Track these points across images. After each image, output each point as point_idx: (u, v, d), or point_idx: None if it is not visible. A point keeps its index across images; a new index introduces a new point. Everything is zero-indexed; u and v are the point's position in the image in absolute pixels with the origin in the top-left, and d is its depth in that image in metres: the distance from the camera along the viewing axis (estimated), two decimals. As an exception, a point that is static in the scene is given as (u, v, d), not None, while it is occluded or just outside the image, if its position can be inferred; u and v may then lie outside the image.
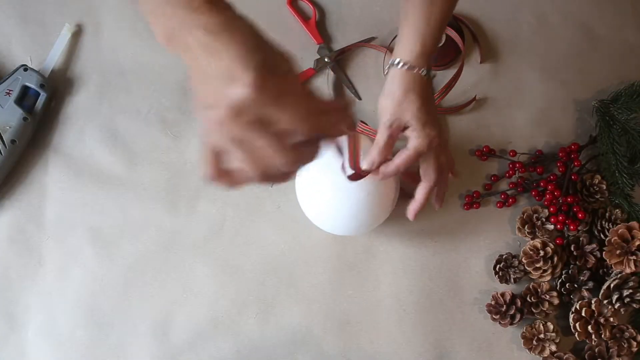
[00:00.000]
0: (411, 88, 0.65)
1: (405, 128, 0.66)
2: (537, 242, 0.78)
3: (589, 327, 0.75)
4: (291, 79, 0.43)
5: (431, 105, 0.66)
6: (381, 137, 0.66)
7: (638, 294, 0.75)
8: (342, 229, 0.75)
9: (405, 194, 0.74)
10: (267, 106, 0.41)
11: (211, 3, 0.42)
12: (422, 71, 0.65)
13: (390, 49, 0.87)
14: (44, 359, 0.78)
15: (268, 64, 0.41)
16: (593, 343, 0.75)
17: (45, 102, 0.84)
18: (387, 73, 0.67)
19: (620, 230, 0.76)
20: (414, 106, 0.64)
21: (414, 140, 0.65)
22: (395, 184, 0.74)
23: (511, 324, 0.76)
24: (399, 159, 0.66)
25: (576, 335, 0.75)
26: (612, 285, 0.76)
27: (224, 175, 0.45)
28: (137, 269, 0.81)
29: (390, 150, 0.66)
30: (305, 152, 0.45)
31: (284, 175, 0.46)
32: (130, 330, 0.79)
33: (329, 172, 0.70)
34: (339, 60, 0.88)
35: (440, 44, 0.85)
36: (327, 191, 0.71)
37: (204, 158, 0.45)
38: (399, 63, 0.65)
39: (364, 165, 0.66)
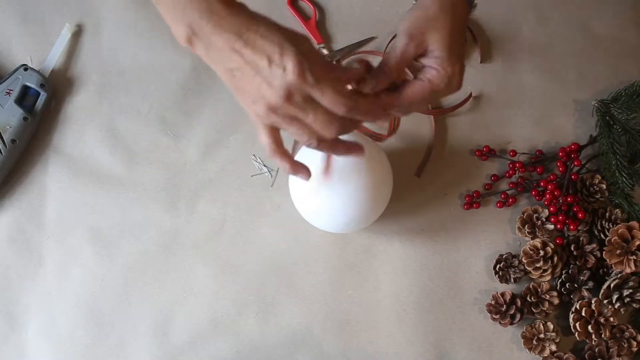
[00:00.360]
0: (448, 6, 0.54)
1: (422, 55, 0.55)
2: (537, 242, 0.78)
3: (589, 327, 0.75)
4: (322, 61, 0.48)
5: (462, 37, 0.56)
6: (393, 53, 0.54)
7: (638, 294, 0.75)
8: (335, 226, 0.75)
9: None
10: (310, 87, 0.47)
11: (232, 5, 0.48)
12: None
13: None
14: (44, 359, 0.78)
15: (303, 51, 0.47)
16: (593, 343, 0.75)
17: (45, 102, 0.84)
18: None
19: (620, 230, 0.76)
20: (445, 28, 0.53)
21: (433, 70, 0.54)
22: (388, 179, 0.74)
23: (511, 323, 0.76)
24: (411, 91, 0.54)
25: (576, 335, 0.75)
26: (612, 285, 0.76)
27: (285, 154, 0.53)
28: (137, 269, 0.81)
29: (400, 72, 0.54)
30: (347, 122, 0.51)
31: (333, 141, 0.52)
32: (130, 330, 0.79)
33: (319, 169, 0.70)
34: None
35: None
36: (320, 188, 0.70)
37: (265, 138, 0.52)
38: None
39: (366, 88, 0.53)
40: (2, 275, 0.81)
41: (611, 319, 0.75)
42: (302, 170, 0.56)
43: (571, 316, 0.76)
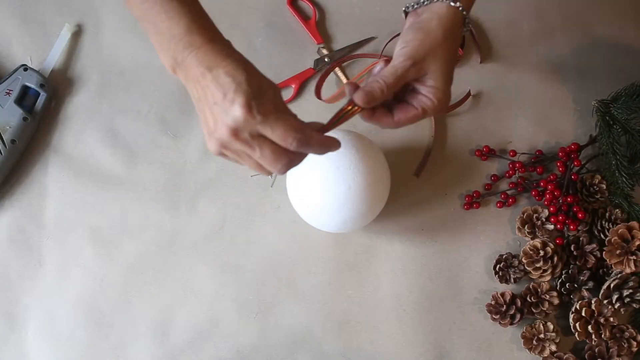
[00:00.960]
0: (450, 33, 0.54)
1: (418, 79, 0.55)
2: (537, 242, 0.78)
3: (589, 327, 0.75)
4: (276, 101, 0.51)
5: (455, 62, 0.58)
6: (393, 71, 0.54)
7: (638, 294, 0.75)
8: (333, 226, 0.74)
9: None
10: (258, 124, 0.49)
11: (212, 42, 0.51)
12: (466, 18, 0.56)
13: (384, 56, 0.86)
14: (44, 359, 0.78)
15: (256, 90, 0.49)
16: (593, 343, 0.75)
17: (45, 102, 0.84)
18: (419, 6, 0.57)
19: (620, 230, 0.76)
20: (445, 57, 0.54)
21: (428, 100, 0.55)
22: (385, 178, 0.74)
23: (511, 323, 0.76)
24: (404, 116, 0.56)
25: (576, 335, 0.75)
26: (612, 285, 0.76)
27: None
28: (137, 269, 0.81)
29: (394, 90, 0.55)
30: (294, 157, 0.52)
31: (282, 171, 0.53)
32: (130, 330, 0.79)
33: (316, 169, 0.70)
34: (340, 61, 0.88)
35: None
36: (315, 187, 0.71)
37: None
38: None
39: (357, 98, 0.54)
40: (2, 275, 0.81)
41: (611, 319, 0.75)
42: None
43: (571, 316, 0.76)
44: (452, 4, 0.55)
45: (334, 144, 0.54)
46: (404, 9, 0.58)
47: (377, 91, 0.54)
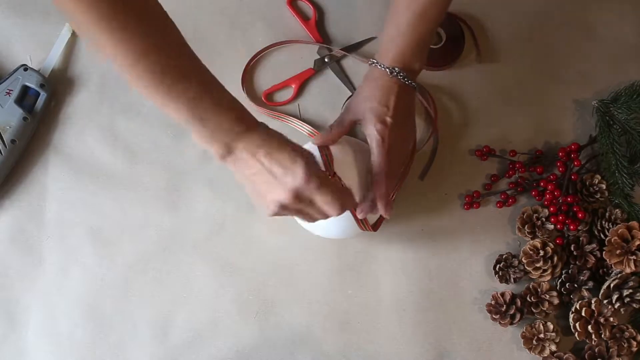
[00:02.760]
0: (383, 87, 0.68)
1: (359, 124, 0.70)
2: (537, 242, 0.78)
3: (589, 327, 0.75)
4: (319, 174, 0.61)
5: (402, 108, 0.69)
6: (338, 119, 0.72)
7: (638, 294, 0.75)
8: (334, 233, 0.76)
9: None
10: (313, 189, 0.59)
11: (257, 126, 0.60)
12: (394, 72, 0.67)
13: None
14: (44, 358, 0.78)
15: (306, 157, 0.60)
16: (593, 343, 0.75)
17: (45, 102, 0.84)
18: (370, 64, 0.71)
19: (620, 230, 0.76)
20: (377, 96, 0.68)
21: (368, 135, 0.68)
22: None
23: (511, 323, 0.76)
24: (375, 159, 0.68)
25: (576, 335, 0.75)
26: (612, 285, 0.76)
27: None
28: (137, 269, 0.81)
29: (338, 135, 0.71)
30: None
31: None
32: (130, 329, 0.79)
33: None
34: (339, 61, 0.88)
35: (438, 45, 0.86)
36: None
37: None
38: (373, 62, 0.70)
39: (362, 210, 0.69)
40: (2, 274, 0.81)
41: (611, 319, 0.75)
42: None
43: (571, 316, 0.76)
44: (380, 67, 0.68)
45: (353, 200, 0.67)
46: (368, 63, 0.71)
47: (327, 134, 0.71)
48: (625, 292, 0.75)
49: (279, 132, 0.62)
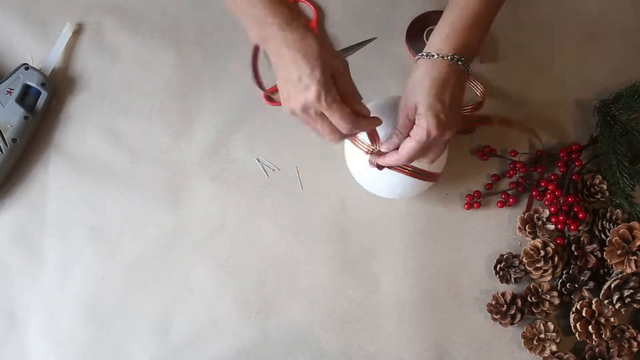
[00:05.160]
0: (430, 72, 0.64)
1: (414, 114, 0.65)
2: (538, 242, 0.78)
3: (590, 327, 0.75)
4: (343, 87, 0.62)
5: (452, 95, 0.65)
6: (400, 117, 0.66)
7: (639, 294, 0.75)
8: (386, 192, 0.75)
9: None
10: (322, 108, 0.61)
11: (291, 22, 0.60)
12: (449, 57, 0.64)
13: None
14: (45, 358, 0.78)
15: (327, 79, 0.60)
16: (593, 343, 0.75)
17: (46, 101, 0.84)
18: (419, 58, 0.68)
19: (621, 231, 0.76)
20: (428, 86, 0.63)
21: (416, 127, 0.64)
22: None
23: (512, 323, 0.76)
24: (404, 148, 0.65)
25: (577, 335, 0.75)
26: (612, 285, 0.76)
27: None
28: (137, 268, 0.81)
29: (406, 130, 0.66)
30: (346, 135, 0.65)
31: (335, 142, 0.66)
32: (131, 329, 0.79)
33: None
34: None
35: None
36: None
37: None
38: (426, 54, 0.66)
39: (384, 147, 0.68)
40: (3, 273, 0.81)
41: (612, 319, 0.75)
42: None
43: (572, 316, 0.76)
44: (437, 57, 0.65)
45: (376, 122, 0.66)
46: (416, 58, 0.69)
47: (393, 139, 0.68)
48: (626, 293, 0.75)
49: (314, 35, 0.61)
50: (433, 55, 0.65)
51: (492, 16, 0.68)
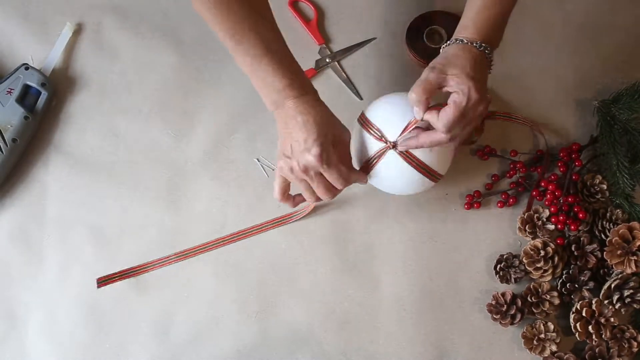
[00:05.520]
0: (465, 49, 0.67)
1: (442, 84, 0.65)
2: (538, 242, 0.78)
3: (590, 327, 0.75)
4: (341, 153, 0.68)
5: (482, 73, 0.67)
6: (418, 82, 0.66)
7: (639, 294, 0.75)
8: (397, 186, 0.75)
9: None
10: (322, 169, 0.66)
11: (306, 94, 0.67)
12: (477, 44, 0.67)
13: None
14: (44, 357, 0.78)
15: (330, 143, 0.66)
16: (593, 343, 0.75)
17: (46, 101, 0.84)
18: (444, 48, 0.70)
19: (621, 231, 0.76)
20: (463, 61, 0.65)
21: (455, 94, 0.64)
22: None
23: (512, 323, 0.76)
24: (444, 114, 0.64)
25: (577, 335, 0.75)
26: (612, 285, 0.76)
27: (288, 199, 0.73)
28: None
29: (429, 92, 0.65)
30: (338, 191, 0.71)
31: (327, 199, 0.71)
32: (131, 328, 0.79)
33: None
34: (340, 61, 0.88)
35: (439, 45, 0.86)
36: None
37: (277, 185, 0.71)
38: (456, 39, 0.68)
39: (420, 116, 0.67)
40: (2, 273, 0.81)
41: (612, 319, 0.75)
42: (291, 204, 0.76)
43: (572, 316, 0.76)
44: (465, 43, 0.67)
45: (363, 177, 0.72)
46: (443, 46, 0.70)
47: (412, 96, 0.66)
48: (626, 293, 0.75)
49: (323, 105, 0.68)
50: (463, 41, 0.67)
51: (509, 14, 0.71)
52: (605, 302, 0.76)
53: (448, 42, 0.69)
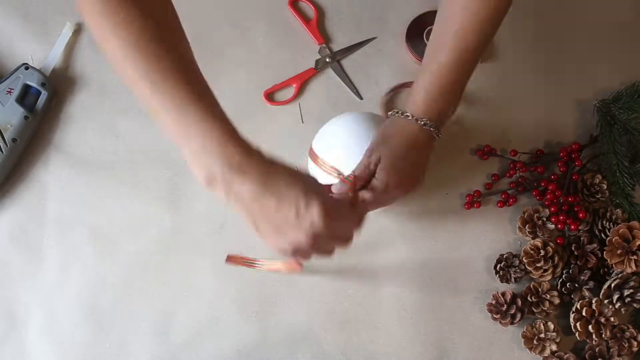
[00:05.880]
0: (401, 131, 0.65)
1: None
2: (538, 242, 0.78)
3: (590, 327, 0.75)
4: (335, 203, 0.60)
5: (417, 156, 0.66)
6: (360, 163, 0.65)
7: (639, 294, 0.75)
8: None
9: None
10: (331, 231, 0.55)
11: (250, 155, 0.53)
12: (422, 121, 0.64)
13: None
14: (45, 357, 0.78)
15: (318, 197, 0.54)
16: (594, 343, 0.75)
17: (46, 101, 0.84)
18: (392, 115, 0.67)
19: (621, 230, 0.76)
20: (397, 144, 0.64)
21: (375, 180, 0.64)
22: None
23: (512, 323, 0.76)
24: (367, 196, 0.64)
25: (577, 334, 0.75)
26: (612, 284, 0.76)
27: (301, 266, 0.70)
28: (137, 268, 0.81)
29: (363, 179, 0.64)
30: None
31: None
32: (131, 328, 0.79)
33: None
34: (340, 61, 0.88)
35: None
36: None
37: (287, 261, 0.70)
38: (400, 112, 0.66)
39: (335, 188, 0.65)
40: (2, 273, 0.81)
41: (612, 318, 0.75)
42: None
43: (572, 316, 0.76)
44: (410, 119, 0.65)
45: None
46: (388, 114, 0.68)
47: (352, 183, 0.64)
48: (626, 292, 0.75)
49: (276, 161, 0.56)
50: (408, 116, 0.65)
51: (465, 82, 0.67)
52: (605, 301, 0.76)
53: (395, 110, 0.66)
